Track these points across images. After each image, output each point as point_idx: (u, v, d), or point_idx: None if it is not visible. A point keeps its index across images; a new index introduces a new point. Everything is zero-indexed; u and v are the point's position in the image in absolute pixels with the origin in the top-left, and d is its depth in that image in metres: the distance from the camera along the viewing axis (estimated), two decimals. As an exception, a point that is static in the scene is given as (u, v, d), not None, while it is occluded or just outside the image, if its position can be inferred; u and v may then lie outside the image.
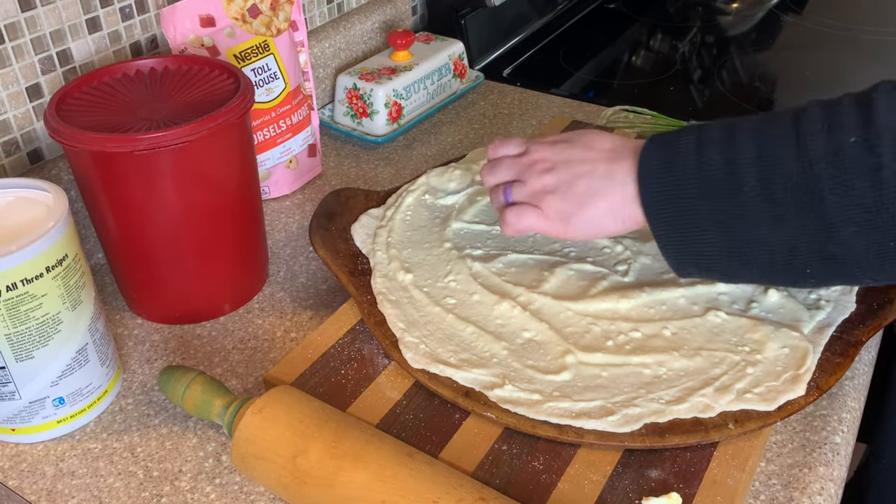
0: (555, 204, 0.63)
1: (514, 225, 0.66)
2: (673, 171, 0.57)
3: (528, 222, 0.65)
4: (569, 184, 0.63)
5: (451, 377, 0.62)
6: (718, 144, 0.56)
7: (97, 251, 0.82)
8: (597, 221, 0.62)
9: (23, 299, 0.56)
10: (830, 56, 1.26)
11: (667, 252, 0.59)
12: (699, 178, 0.56)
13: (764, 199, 0.53)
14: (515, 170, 0.67)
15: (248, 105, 0.68)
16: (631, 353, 0.63)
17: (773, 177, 0.53)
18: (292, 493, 0.54)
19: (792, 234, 0.53)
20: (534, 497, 0.55)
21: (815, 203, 0.52)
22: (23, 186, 0.61)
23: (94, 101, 0.69)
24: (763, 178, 0.53)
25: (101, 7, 0.80)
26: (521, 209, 0.65)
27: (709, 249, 0.57)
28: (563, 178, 0.63)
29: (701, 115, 1.07)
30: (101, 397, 0.65)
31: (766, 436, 0.59)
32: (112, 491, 0.59)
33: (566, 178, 0.63)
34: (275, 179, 0.91)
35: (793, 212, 0.53)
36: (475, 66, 1.19)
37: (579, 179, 0.63)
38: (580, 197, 0.62)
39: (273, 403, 0.57)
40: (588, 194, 0.62)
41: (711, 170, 0.56)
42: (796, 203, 0.52)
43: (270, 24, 0.85)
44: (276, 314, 0.75)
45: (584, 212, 0.62)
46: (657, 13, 1.44)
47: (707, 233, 0.57)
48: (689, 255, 0.59)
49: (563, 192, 0.63)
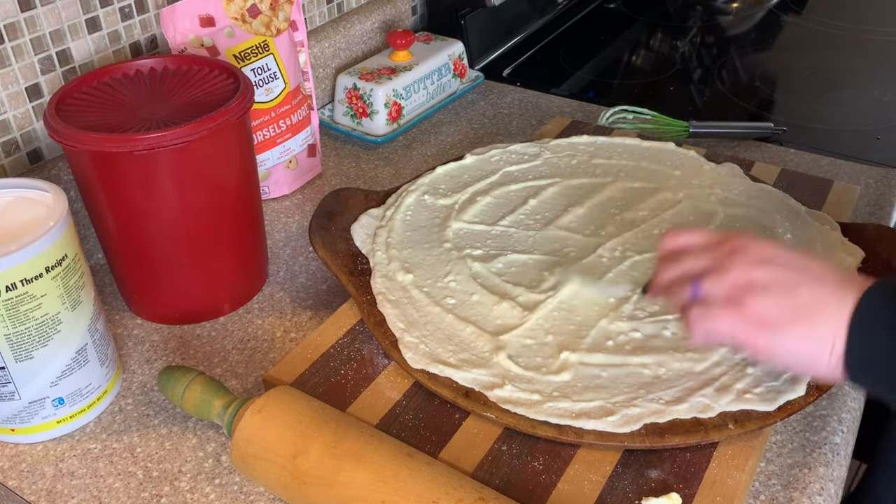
0: (763, 305, 0.49)
1: (702, 330, 0.52)
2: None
3: (720, 328, 0.51)
4: (785, 286, 0.49)
5: (450, 377, 0.62)
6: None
7: (97, 251, 0.82)
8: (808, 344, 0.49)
9: (22, 299, 0.56)
10: (830, 56, 1.26)
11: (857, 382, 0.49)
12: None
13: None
14: (710, 257, 0.53)
15: (247, 105, 0.68)
16: (631, 353, 0.63)
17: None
18: (292, 493, 0.54)
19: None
20: (533, 497, 0.55)
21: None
22: (22, 186, 0.61)
23: (93, 101, 0.69)
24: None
25: (101, 7, 0.80)
26: (713, 310, 0.51)
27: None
28: (777, 277, 0.50)
29: (701, 115, 1.07)
30: (101, 397, 0.65)
31: (766, 436, 0.59)
32: (112, 491, 0.59)
33: (781, 279, 0.50)
34: (275, 179, 0.91)
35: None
36: (475, 66, 1.19)
37: (800, 286, 0.49)
38: (797, 304, 0.49)
39: (273, 403, 0.56)
40: (809, 306, 0.49)
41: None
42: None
43: (270, 24, 0.85)
44: (276, 314, 0.75)
45: (797, 326, 0.49)
46: (657, 13, 1.44)
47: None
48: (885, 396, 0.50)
49: (775, 294, 0.49)
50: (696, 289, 0.53)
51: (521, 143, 0.90)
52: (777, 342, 0.50)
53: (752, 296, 0.50)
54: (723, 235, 0.54)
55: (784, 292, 0.49)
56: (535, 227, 0.78)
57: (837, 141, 1.01)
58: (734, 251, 0.52)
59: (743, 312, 0.50)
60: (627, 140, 0.90)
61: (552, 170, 0.86)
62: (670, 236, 0.57)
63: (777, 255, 0.51)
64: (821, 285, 0.49)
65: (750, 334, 0.50)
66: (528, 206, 0.80)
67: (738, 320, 0.50)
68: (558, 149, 0.89)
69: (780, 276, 0.50)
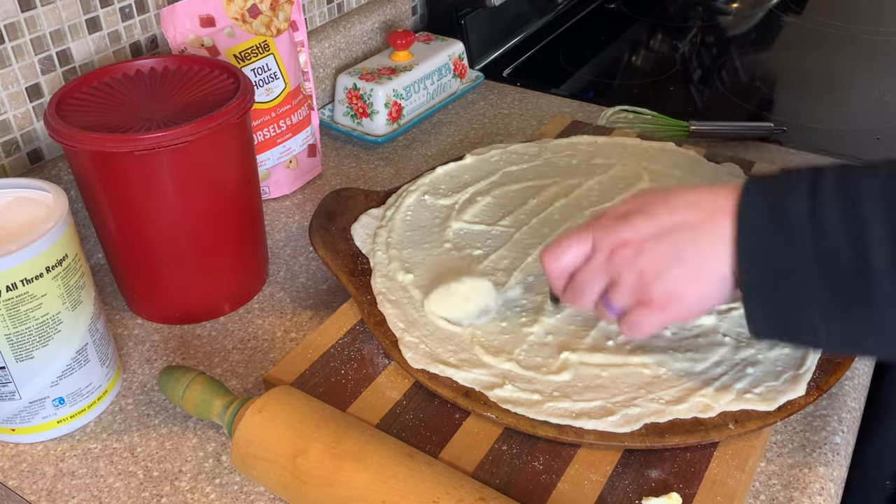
0: (663, 288, 0.52)
1: (636, 336, 0.58)
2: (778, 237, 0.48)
3: (647, 327, 0.55)
4: (670, 259, 0.52)
5: (451, 377, 0.62)
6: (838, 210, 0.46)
7: (97, 251, 0.82)
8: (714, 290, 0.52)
9: (23, 299, 0.56)
10: (830, 56, 1.26)
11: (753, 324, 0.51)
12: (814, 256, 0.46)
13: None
14: (601, 275, 0.55)
15: (248, 105, 0.68)
16: (631, 353, 0.63)
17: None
18: (292, 493, 0.54)
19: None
20: (534, 497, 0.55)
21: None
22: (23, 186, 0.61)
23: (94, 101, 0.69)
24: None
25: (101, 7, 0.80)
26: (633, 318, 0.55)
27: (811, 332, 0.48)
28: (659, 256, 0.52)
29: (701, 115, 1.07)
30: (101, 397, 0.65)
31: (766, 436, 0.59)
32: (112, 491, 0.59)
33: (664, 254, 0.52)
34: (275, 179, 0.91)
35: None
36: (475, 66, 1.19)
37: (681, 249, 0.52)
38: (689, 267, 0.52)
39: (273, 403, 0.57)
40: (697, 261, 0.51)
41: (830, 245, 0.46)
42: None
43: (270, 24, 0.85)
44: (276, 314, 0.75)
45: (698, 283, 0.52)
46: (657, 13, 1.44)
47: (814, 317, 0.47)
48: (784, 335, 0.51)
49: (666, 271, 0.52)
50: (611, 308, 0.56)
51: (521, 143, 0.90)
52: (692, 304, 0.53)
53: (651, 286, 0.53)
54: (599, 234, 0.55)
55: (672, 264, 0.52)
56: (535, 226, 0.77)
57: (837, 141, 1.01)
58: (613, 253, 0.54)
59: (654, 304, 0.53)
60: (627, 140, 0.90)
61: (552, 170, 0.86)
62: (551, 258, 0.58)
63: (650, 231, 0.53)
64: (698, 232, 0.51)
65: (669, 316, 0.54)
66: (528, 206, 0.80)
67: (656, 311, 0.54)
68: (558, 149, 0.89)
69: (662, 253, 0.52)
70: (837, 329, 0.48)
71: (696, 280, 0.52)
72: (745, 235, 0.49)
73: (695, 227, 0.51)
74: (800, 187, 0.48)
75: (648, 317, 0.54)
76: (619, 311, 0.56)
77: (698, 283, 0.52)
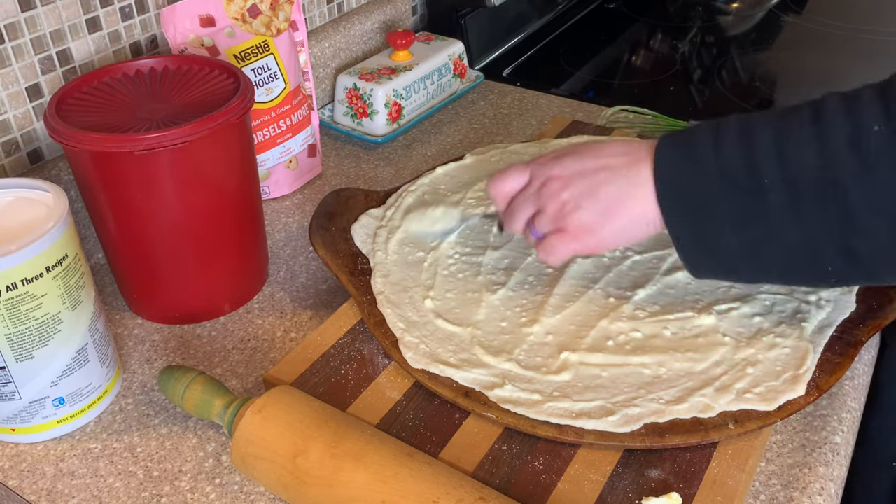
0: (579, 219, 0.60)
1: (550, 261, 0.63)
2: (690, 168, 0.55)
3: (560, 252, 0.62)
4: (589, 194, 0.59)
5: (451, 377, 0.62)
6: (736, 139, 0.54)
7: (97, 251, 0.82)
8: (628, 227, 0.59)
9: (23, 299, 0.56)
10: (830, 56, 1.26)
11: (684, 253, 0.58)
12: (718, 176, 0.54)
13: (785, 193, 0.52)
14: (531, 202, 0.63)
15: (248, 105, 0.68)
16: (631, 353, 0.63)
17: (794, 170, 0.52)
18: (292, 493, 0.54)
19: (814, 229, 0.52)
20: (534, 497, 0.55)
21: (837, 194, 0.50)
22: (23, 186, 0.61)
23: (94, 101, 0.69)
24: (783, 172, 0.52)
25: (101, 7, 0.80)
26: (549, 241, 0.62)
27: (727, 250, 0.55)
28: (580, 191, 0.60)
29: (701, 115, 1.07)
30: (101, 397, 0.65)
31: (766, 436, 0.59)
32: (112, 491, 0.59)
33: (584, 190, 0.60)
34: (275, 179, 0.91)
35: (815, 206, 0.51)
36: (475, 66, 1.19)
37: (600, 187, 0.59)
38: (605, 205, 0.59)
39: (273, 403, 0.57)
40: (614, 200, 0.58)
41: (730, 166, 0.54)
42: (818, 196, 0.51)
43: (270, 24, 0.85)
44: (276, 314, 0.75)
45: (612, 220, 0.59)
46: (657, 13, 1.44)
47: (726, 232, 0.55)
48: (707, 256, 0.57)
49: (584, 205, 0.59)
50: (534, 232, 0.63)
51: (521, 143, 0.90)
52: (607, 237, 0.60)
53: (569, 216, 0.60)
54: (535, 168, 0.63)
55: (591, 200, 0.59)
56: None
57: (837, 141, 1.01)
58: (544, 184, 0.62)
59: (570, 232, 0.61)
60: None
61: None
62: (495, 184, 0.66)
63: (575, 170, 0.61)
64: (616, 174, 0.59)
65: (581, 244, 0.61)
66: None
67: (569, 239, 0.61)
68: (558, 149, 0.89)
69: (583, 188, 0.60)
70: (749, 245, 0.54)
71: (611, 217, 0.59)
72: (662, 178, 0.56)
73: (614, 170, 0.59)
74: (706, 131, 0.56)
75: (563, 244, 0.61)
76: (540, 236, 0.63)
77: (612, 220, 0.59)
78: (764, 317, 0.66)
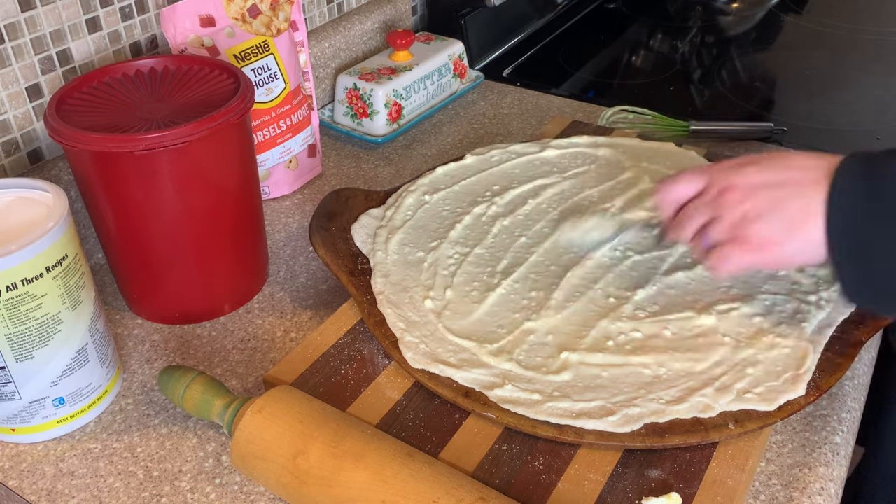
0: (760, 230, 0.57)
1: (720, 271, 0.60)
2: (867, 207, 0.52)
3: (735, 261, 0.59)
4: (775, 206, 0.56)
5: (451, 377, 0.62)
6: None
7: (97, 251, 0.82)
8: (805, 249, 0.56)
9: (23, 299, 0.56)
10: (830, 56, 1.26)
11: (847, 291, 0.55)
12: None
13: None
14: (706, 210, 0.60)
15: (248, 105, 0.68)
16: (631, 353, 0.63)
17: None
18: (292, 493, 0.54)
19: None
20: (534, 497, 0.55)
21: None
22: (23, 186, 0.61)
23: (94, 101, 0.69)
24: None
25: (101, 7, 0.80)
26: (725, 250, 0.59)
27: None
28: (765, 203, 0.57)
29: (701, 115, 1.07)
30: (101, 397, 0.65)
31: (766, 436, 0.59)
32: (112, 491, 0.59)
33: (769, 202, 0.56)
34: (275, 179, 0.91)
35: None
36: (475, 66, 1.19)
37: (788, 201, 0.56)
38: (789, 220, 0.56)
39: (273, 403, 0.57)
40: (798, 216, 0.55)
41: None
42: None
43: (270, 24, 0.85)
44: (276, 314, 0.75)
45: (795, 236, 0.56)
46: (657, 13, 1.44)
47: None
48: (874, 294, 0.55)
49: (766, 217, 0.56)
50: (706, 241, 0.61)
51: (521, 143, 0.90)
52: (786, 253, 0.57)
53: (750, 226, 0.57)
54: (709, 177, 0.61)
55: (774, 212, 0.56)
56: (534, 227, 0.77)
57: (837, 141, 1.01)
58: (723, 192, 0.59)
59: (748, 243, 0.57)
60: (627, 140, 0.90)
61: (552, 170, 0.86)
62: (665, 189, 0.63)
63: (758, 180, 0.58)
64: (802, 189, 0.56)
65: (763, 257, 0.58)
66: (528, 206, 0.80)
67: (747, 250, 0.58)
68: (558, 149, 0.89)
69: (766, 199, 0.57)
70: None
71: (794, 232, 0.56)
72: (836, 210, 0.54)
73: (801, 186, 0.56)
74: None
75: (741, 253, 0.58)
76: (712, 244, 0.60)
77: (795, 236, 0.56)
78: (764, 317, 0.66)
